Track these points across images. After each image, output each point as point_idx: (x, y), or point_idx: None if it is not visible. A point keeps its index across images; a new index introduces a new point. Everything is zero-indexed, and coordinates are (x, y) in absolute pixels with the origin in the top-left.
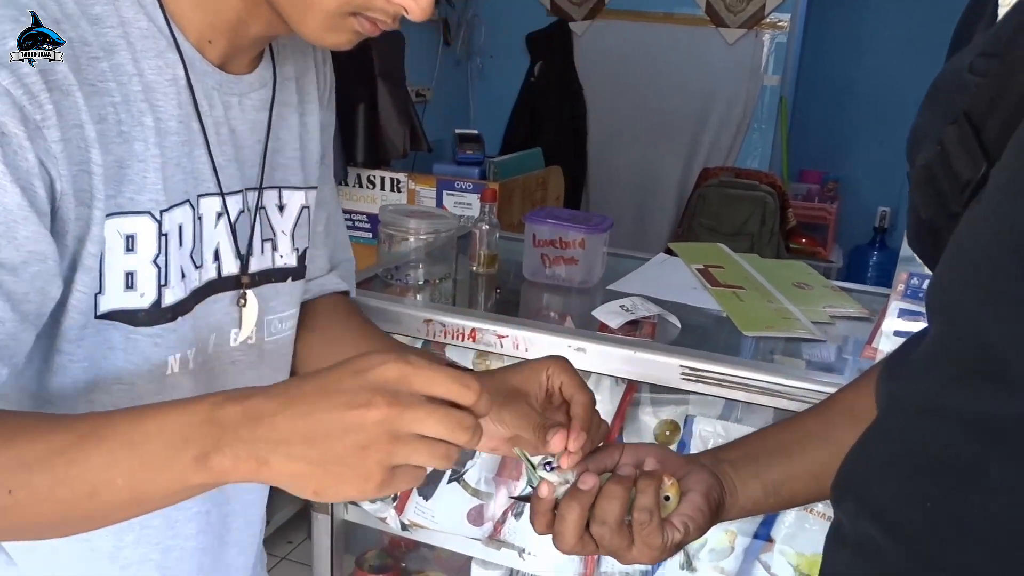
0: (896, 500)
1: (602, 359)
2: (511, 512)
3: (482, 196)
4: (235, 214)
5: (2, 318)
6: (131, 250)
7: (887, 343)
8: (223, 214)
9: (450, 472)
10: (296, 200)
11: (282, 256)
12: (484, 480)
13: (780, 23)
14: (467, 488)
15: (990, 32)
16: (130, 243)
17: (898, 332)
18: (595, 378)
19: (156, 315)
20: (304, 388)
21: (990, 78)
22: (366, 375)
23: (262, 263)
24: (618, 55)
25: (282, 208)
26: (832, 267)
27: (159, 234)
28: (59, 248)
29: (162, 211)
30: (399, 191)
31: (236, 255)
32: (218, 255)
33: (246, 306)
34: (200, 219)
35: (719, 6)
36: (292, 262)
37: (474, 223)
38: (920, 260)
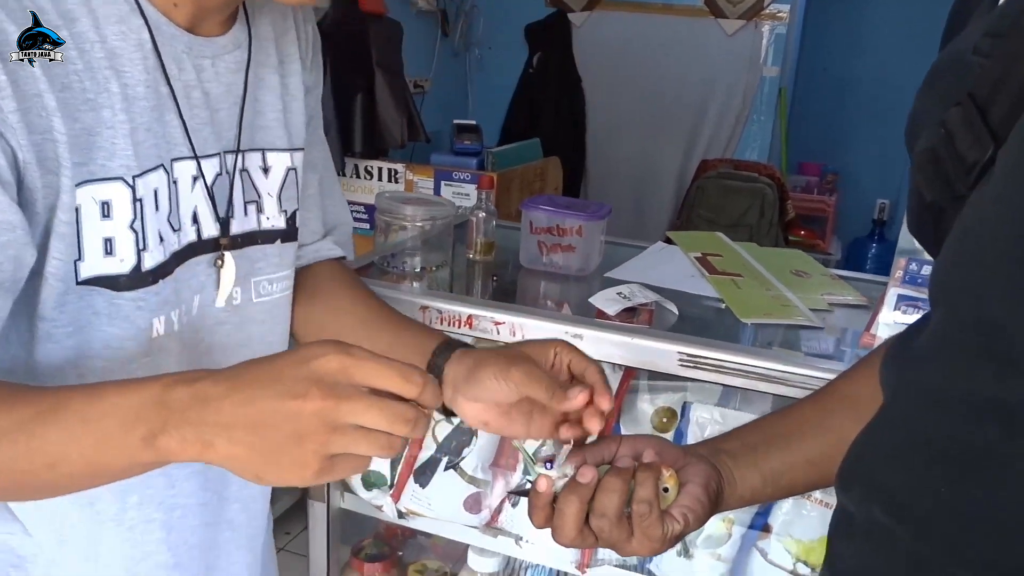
0: (906, 486)
1: (599, 346)
2: (508, 500)
3: (479, 183)
4: (211, 177)
5: None
6: (107, 216)
7: (885, 330)
8: (199, 177)
9: (447, 459)
10: (281, 162)
11: (268, 218)
12: (481, 467)
13: (780, 14)
14: (464, 476)
15: (994, 13)
16: (105, 209)
17: (898, 320)
18: None
19: (137, 279)
20: (250, 375)
21: (995, 58)
22: (307, 365)
23: (245, 225)
24: (617, 46)
25: (267, 170)
26: (831, 259)
27: (133, 199)
28: (29, 216)
29: (135, 176)
30: (397, 181)
31: (215, 218)
32: (196, 218)
33: (223, 267)
34: (175, 183)
35: None
36: (280, 224)
37: (471, 210)
38: (920, 245)
